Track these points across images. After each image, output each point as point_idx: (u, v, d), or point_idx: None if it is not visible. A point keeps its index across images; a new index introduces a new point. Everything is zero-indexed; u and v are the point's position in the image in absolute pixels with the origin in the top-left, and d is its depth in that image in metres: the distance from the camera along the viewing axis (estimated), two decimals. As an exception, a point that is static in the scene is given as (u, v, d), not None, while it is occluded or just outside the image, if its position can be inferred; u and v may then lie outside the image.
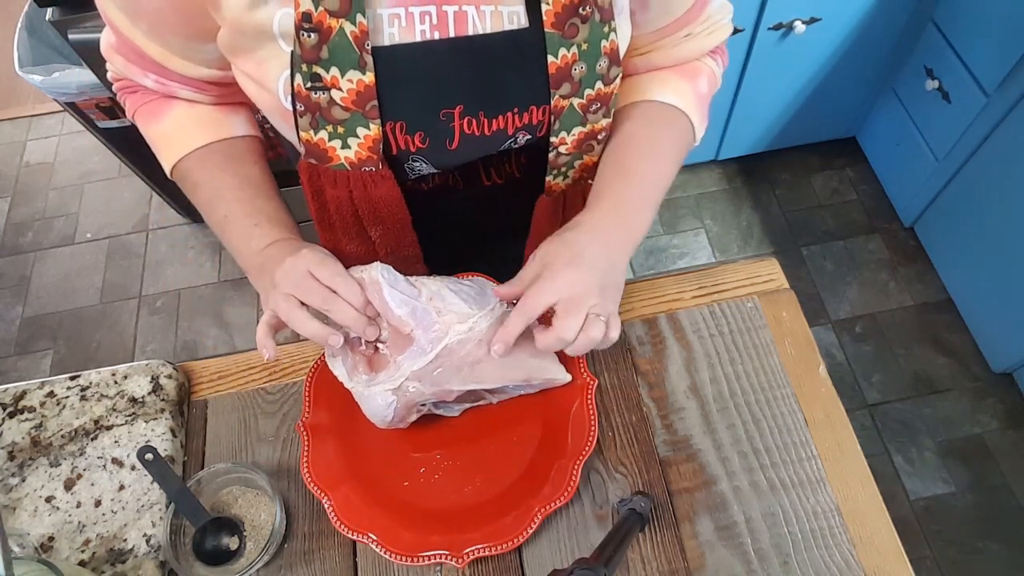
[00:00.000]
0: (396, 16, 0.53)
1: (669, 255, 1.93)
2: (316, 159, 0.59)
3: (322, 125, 0.56)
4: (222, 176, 0.66)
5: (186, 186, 0.68)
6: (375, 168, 0.58)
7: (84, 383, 0.75)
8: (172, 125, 0.67)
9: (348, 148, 0.57)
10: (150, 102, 0.67)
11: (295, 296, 0.59)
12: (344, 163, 0.58)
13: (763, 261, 0.82)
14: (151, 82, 0.64)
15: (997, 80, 1.39)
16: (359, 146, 0.57)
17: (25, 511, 0.69)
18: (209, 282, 2.00)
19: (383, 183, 0.60)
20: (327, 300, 0.59)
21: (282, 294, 0.59)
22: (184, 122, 0.67)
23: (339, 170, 0.59)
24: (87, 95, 1.48)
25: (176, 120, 0.67)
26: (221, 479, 0.69)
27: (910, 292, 1.80)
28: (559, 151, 0.63)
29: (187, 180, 0.68)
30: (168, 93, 0.66)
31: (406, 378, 0.63)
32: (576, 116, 0.60)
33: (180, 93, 0.65)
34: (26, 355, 1.90)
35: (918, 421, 1.63)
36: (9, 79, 2.32)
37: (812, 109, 1.82)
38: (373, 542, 0.64)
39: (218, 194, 0.66)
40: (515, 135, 0.61)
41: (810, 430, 0.71)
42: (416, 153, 0.60)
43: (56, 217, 2.15)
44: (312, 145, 0.58)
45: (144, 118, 0.68)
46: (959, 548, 1.48)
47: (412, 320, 0.62)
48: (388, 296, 0.61)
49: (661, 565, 0.66)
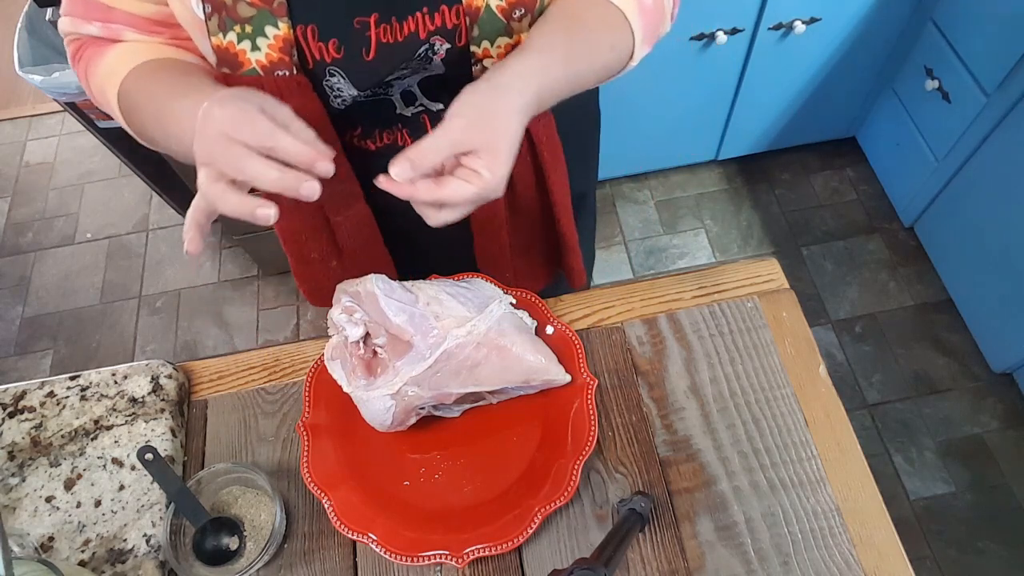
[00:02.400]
0: None
1: (669, 255, 1.93)
2: (228, 67, 0.56)
3: (230, 26, 0.54)
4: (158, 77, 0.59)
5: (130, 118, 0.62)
6: (288, 72, 0.56)
7: (84, 383, 0.75)
8: (114, 57, 0.62)
9: (258, 50, 0.55)
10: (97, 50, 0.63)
11: (210, 166, 0.48)
12: (256, 67, 0.56)
13: (763, 261, 0.82)
14: (96, 29, 0.61)
15: (997, 80, 1.39)
16: (269, 47, 0.55)
17: (25, 511, 0.69)
18: (209, 282, 2.00)
19: (300, 92, 0.57)
20: (240, 159, 0.46)
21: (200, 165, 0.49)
22: (126, 52, 0.62)
23: (251, 76, 0.56)
24: (87, 95, 1.48)
25: (119, 52, 0.62)
26: (221, 479, 0.69)
27: (910, 292, 1.80)
28: (483, 64, 0.59)
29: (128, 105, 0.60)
30: (113, 37, 0.62)
31: (405, 383, 0.63)
32: (497, 22, 0.57)
33: (126, 35, 0.62)
34: (26, 355, 1.90)
35: (918, 421, 1.63)
36: (9, 79, 2.32)
37: (812, 109, 1.82)
38: (373, 542, 0.64)
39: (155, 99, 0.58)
40: (429, 40, 0.58)
41: (810, 430, 0.71)
42: (332, 64, 0.57)
43: (56, 217, 2.15)
44: (223, 51, 0.55)
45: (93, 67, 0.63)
46: (959, 548, 1.48)
47: (411, 327, 0.62)
48: (385, 306, 0.61)
49: (661, 565, 0.66)
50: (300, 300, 1.94)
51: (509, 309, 0.69)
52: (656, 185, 2.02)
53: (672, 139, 1.86)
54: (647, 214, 1.99)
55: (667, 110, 1.74)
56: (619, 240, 1.96)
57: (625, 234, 1.96)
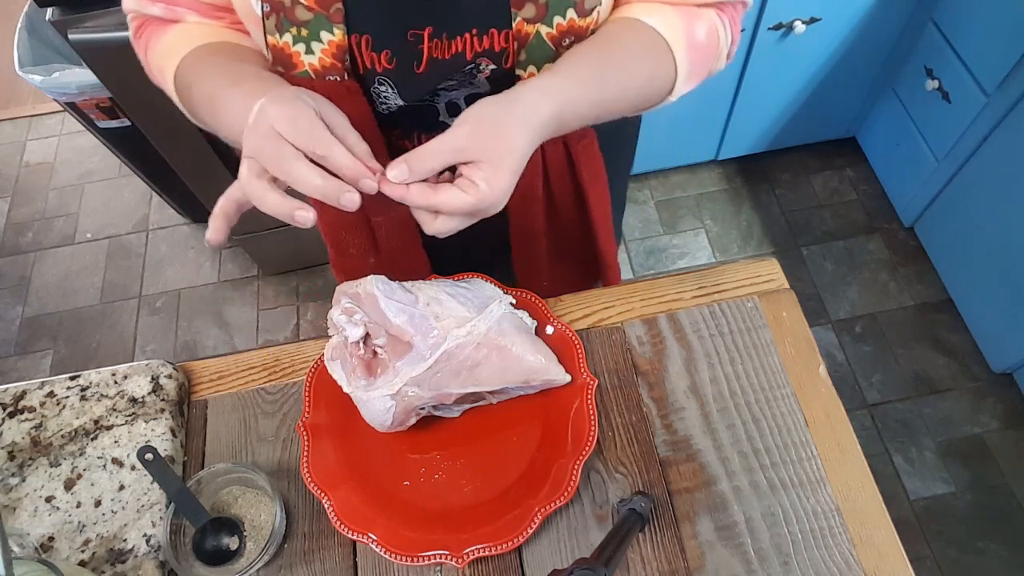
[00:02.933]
0: None
1: (669, 255, 1.93)
2: (282, 67, 0.57)
3: (286, 27, 0.54)
4: (214, 60, 0.59)
5: (184, 97, 0.61)
6: (340, 78, 0.56)
7: (84, 383, 0.75)
8: (175, 37, 0.62)
9: (312, 54, 0.55)
10: (158, 29, 0.63)
11: (255, 159, 0.48)
12: (308, 70, 0.56)
13: (763, 261, 0.82)
14: (159, 10, 0.62)
15: (997, 80, 1.39)
16: (323, 52, 0.55)
17: (25, 511, 0.69)
18: (209, 282, 2.00)
19: (350, 97, 0.57)
20: (288, 160, 0.47)
21: (244, 158, 0.49)
22: (187, 33, 0.62)
23: (303, 78, 0.56)
24: (87, 95, 1.49)
25: (179, 32, 0.62)
26: (221, 479, 0.69)
27: (910, 292, 1.80)
28: None
29: (183, 85, 0.60)
30: (176, 18, 0.63)
31: (405, 383, 0.63)
32: (546, 48, 0.56)
33: (188, 18, 0.63)
34: (26, 355, 1.90)
35: (918, 421, 1.63)
36: (9, 79, 2.32)
37: (812, 109, 1.82)
38: (373, 542, 0.64)
39: (210, 81, 0.58)
40: (475, 60, 0.57)
41: (810, 430, 0.71)
42: (382, 74, 0.57)
43: (56, 217, 2.15)
44: (278, 50, 0.56)
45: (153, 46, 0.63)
46: (959, 548, 1.48)
47: (411, 328, 0.62)
48: (385, 307, 0.61)
49: (661, 565, 0.66)
50: (300, 300, 1.94)
51: (509, 309, 0.69)
52: (656, 185, 2.02)
53: (672, 139, 1.86)
54: (647, 214, 1.99)
55: (667, 110, 1.73)
56: (619, 240, 1.96)
57: (625, 234, 1.96)
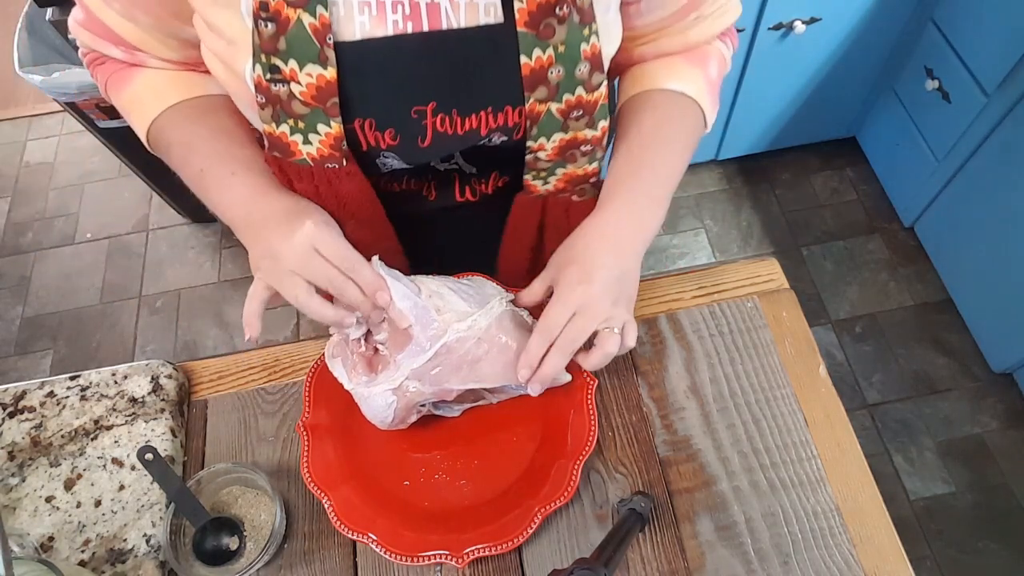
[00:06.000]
0: (367, 3, 0.51)
1: (669, 255, 1.93)
2: (279, 152, 0.57)
3: (283, 119, 0.54)
4: (195, 129, 0.63)
5: (161, 150, 0.66)
6: (339, 165, 0.57)
7: (84, 383, 0.75)
8: (142, 87, 0.64)
9: (310, 144, 0.55)
10: (120, 71, 0.65)
11: (301, 276, 0.57)
12: (306, 159, 0.56)
13: (763, 261, 0.82)
14: (119, 53, 0.62)
15: (997, 80, 1.39)
16: (320, 143, 0.55)
17: (25, 511, 0.69)
18: (209, 282, 2.00)
19: (349, 180, 0.58)
20: (335, 281, 0.57)
21: (286, 272, 0.57)
22: (155, 83, 0.64)
23: (302, 165, 0.57)
24: (87, 95, 1.49)
25: (146, 82, 0.64)
26: (221, 479, 0.69)
27: (910, 292, 1.80)
28: (537, 156, 0.61)
29: (161, 142, 0.65)
30: (137, 63, 0.64)
31: (406, 377, 0.63)
32: (555, 122, 0.58)
33: (149, 63, 0.63)
34: (26, 355, 1.90)
35: (918, 421, 1.63)
36: (9, 79, 2.31)
37: (812, 109, 1.82)
38: (373, 542, 0.64)
39: (192, 148, 0.63)
40: (489, 135, 0.59)
41: (810, 430, 0.71)
42: (387, 150, 0.58)
43: (56, 217, 2.15)
44: (275, 138, 0.56)
45: (115, 87, 0.65)
46: (959, 548, 1.48)
47: (412, 315, 0.62)
48: (391, 286, 0.61)
49: (661, 565, 0.66)
50: (300, 300, 1.94)
51: (510, 306, 0.69)
52: (656, 185, 2.02)
53: (672, 139, 1.86)
54: (647, 214, 1.99)
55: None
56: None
57: (625, 234, 1.96)
